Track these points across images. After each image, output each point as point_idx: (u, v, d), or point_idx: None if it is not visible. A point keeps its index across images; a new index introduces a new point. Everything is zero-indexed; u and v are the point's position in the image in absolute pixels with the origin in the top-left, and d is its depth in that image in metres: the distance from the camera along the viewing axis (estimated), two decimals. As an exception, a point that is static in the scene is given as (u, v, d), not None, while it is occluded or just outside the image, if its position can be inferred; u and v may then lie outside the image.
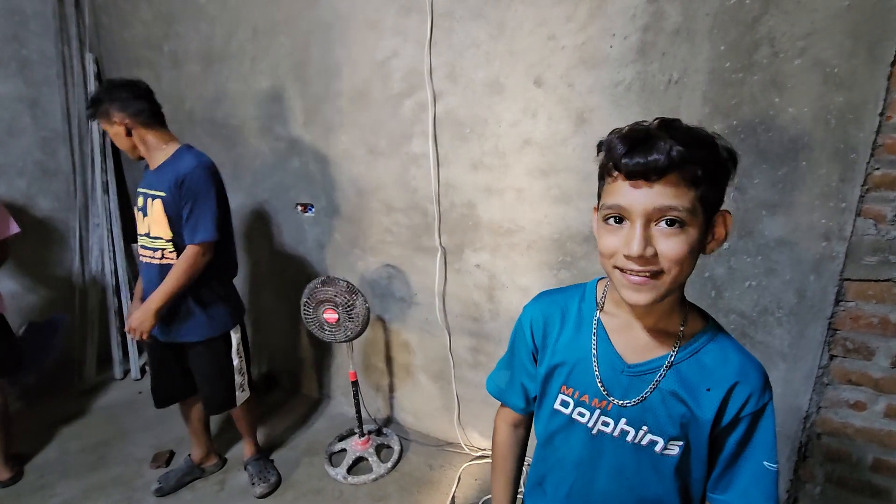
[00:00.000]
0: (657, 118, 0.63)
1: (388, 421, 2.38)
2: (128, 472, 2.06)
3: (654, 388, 0.71)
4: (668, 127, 0.61)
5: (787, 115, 1.28)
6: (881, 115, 1.20)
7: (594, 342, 0.76)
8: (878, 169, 1.24)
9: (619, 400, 0.73)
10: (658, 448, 0.72)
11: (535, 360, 0.84)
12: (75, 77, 2.63)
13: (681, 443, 0.72)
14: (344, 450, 2.13)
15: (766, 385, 0.71)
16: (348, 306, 1.83)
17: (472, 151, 1.75)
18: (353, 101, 1.93)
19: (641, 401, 0.72)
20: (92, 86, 2.64)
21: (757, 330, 1.48)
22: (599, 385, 0.74)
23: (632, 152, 0.60)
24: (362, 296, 1.87)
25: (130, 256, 2.86)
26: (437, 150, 1.81)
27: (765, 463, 0.71)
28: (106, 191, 2.72)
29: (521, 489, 0.95)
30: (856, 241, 1.30)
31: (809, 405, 1.47)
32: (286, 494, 1.92)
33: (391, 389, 2.34)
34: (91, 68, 2.64)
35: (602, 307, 0.78)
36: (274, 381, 2.73)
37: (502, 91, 1.63)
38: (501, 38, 1.59)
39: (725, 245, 1.44)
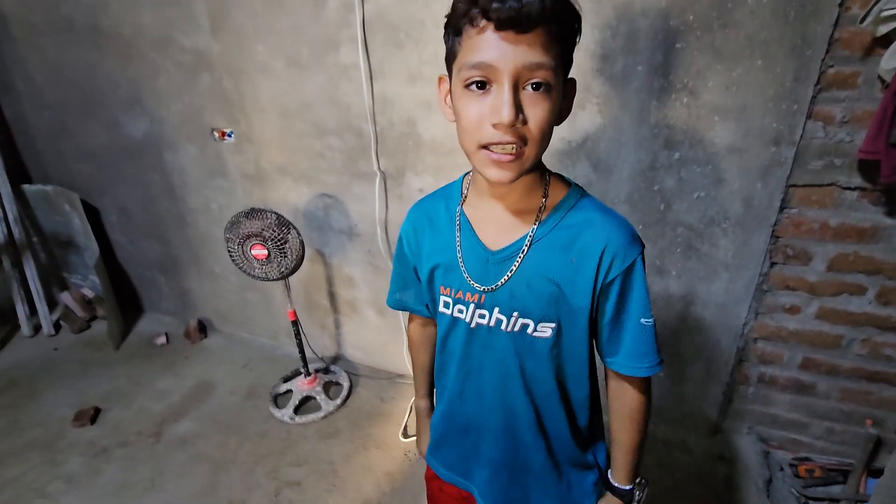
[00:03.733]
0: None
1: (336, 358, 2.30)
2: (47, 433, 1.88)
3: (516, 269, 0.69)
4: None
5: (746, 7, 1.18)
6: (840, 5, 1.13)
7: (458, 236, 0.74)
8: (832, 66, 1.19)
9: (488, 286, 0.71)
10: (529, 330, 0.71)
11: (417, 273, 0.83)
12: None
13: (552, 324, 0.70)
14: (290, 390, 2.04)
15: (631, 241, 0.68)
16: (279, 241, 1.66)
17: (408, 60, 1.55)
18: (267, 1, 1.64)
19: (505, 283, 0.70)
20: (-66, -14, 2.12)
21: (703, 242, 1.47)
22: (467, 278, 0.72)
23: None
24: (295, 229, 1.70)
25: (23, 199, 2.48)
26: (368, 59, 1.59)
27: (641, 320, 0.70)
28: (-23, 121, 2.29)
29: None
30: (804, 145, 1.28)
31: (748, 312, 1.51)
32: (229, 440, 1.83)
33: (337, 326, 2.24)
34: (-71, -37, 2.11)
35: (465, 199, 0.75)
36: (207, 327, 2.55)
37: (439, -15, 1.42)
38: (436, -83, 1.36)
39: (676, 156, 1.38)
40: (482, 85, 0.57)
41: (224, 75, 1.85)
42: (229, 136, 1.97)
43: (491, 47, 0.54)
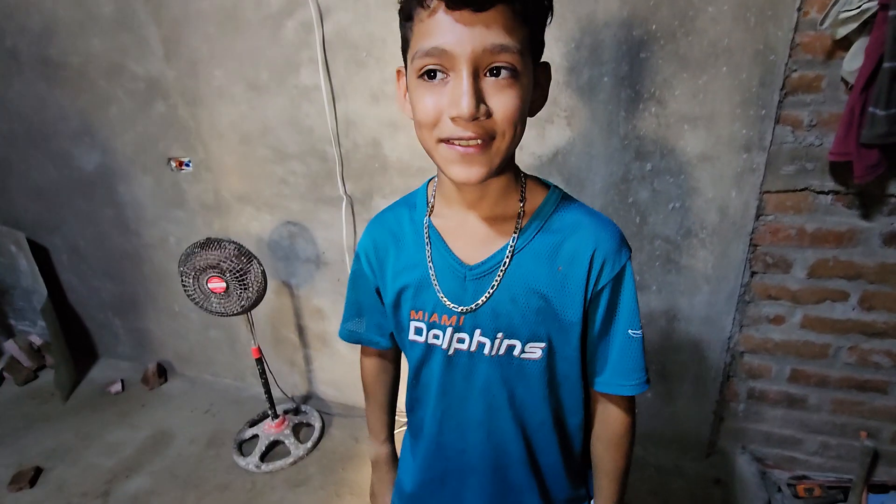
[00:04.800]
0: None
1: (307, 397, 2.16)
2: (-23, 500, 1.68)
3: (498, 284, 0.61)
4: None
5: (707, 14, 1.18)
6: (798, 10, 1.13)
7: (428, 251, 0.64)
8: (795, 71, 1.19)
9: (468, 306, 0.62)
10: (516, 353, 0.63)
11: (380, 296, 0.72)
12: None
13: (542, 344, 0.62)
14: (256, 435, 1.88)
15: (621, 245, 0.62)
16: (239, 272, 1.55)
17: (370, 79, 1.50)
18: (222, 24, 1.58)
19: (486, 301, 0.61)
20: None
21: (681, 254, 1.43)
22: (442, 298, 0.63)
23: None
24: (256, 259, 1.59)
25: (-36, 241, 2.31)
26: (330, 80, 1.54)
27: (629, 332, 0.64)
28: (-88, 159, 2.13)
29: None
30: (774, 151, 1.26)
31: (732, 325, 1.46)
32: (187, 496, 1.66)
33: (307, 362, 2.10)
34: None
35: (432, 210, 0.66)
36: (167, 370, 2.38)
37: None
38: (393, -64, 1.33)
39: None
40: (437, 74, 0.50)
41: (179, 102, 1.77)
42: (187, 165, 1.87)
43: (444, 30, 0.48)
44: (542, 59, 0.57)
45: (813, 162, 1.24)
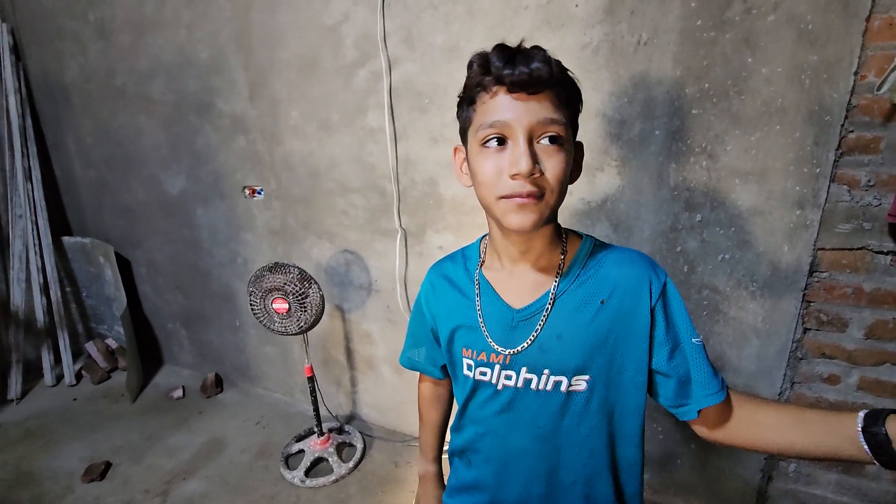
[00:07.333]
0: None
1: (351, 417, 2.24)
2: (55, 488, 1.85)
3: (542, 326, 0.68)
4: (536, 48, 0.60)
5: (761, 75, 1.22)
6: (855, 74, 1.15)
7: (478, 298, 0.73)
8: (852, 132, 1.19)
9: (514, 348, 0.70)
10: (563, 387, 0.68)
11: (435, 335, 0.82)
12: (-13, 50, 2.34)
13: (586, 376, 0.68)
14: (302, 451, 1.98)
15: (651, 265, 0.69)
16: (300, 295, 1.68)
17: (431, 123, 1.62)
18: (302, 71, 1.76)
19: (532, 342, 0.69)
20: (7, 59, 2.36)
21: (730, 305, 1.42)
22: (489, 340, 0.71)
23: (513, 63, 0.58)
24: (316, 283, 1.72)
25: (61, 251, 2.60)
26: (394, 123, 1.68)
27: (693, 341, 0.69)
28: (28, 178, 2.45)
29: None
30: (829, 209, 1.26)
31: (783, 381, 1.43)
32: (236, 502, 1.76)
33: (353, 384, 2.19)
34: (6, 40, 2.36)
35: (483, 262, 0.76)
36: (224, 381, 2.54)
37: (462, 56, 1.51)
38: (460, -2, 1.46)
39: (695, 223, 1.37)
40: (500, 141, 0.60)
41: (258, 137, 1.96)
42: (259, 193, 2.05)
43: (505, 108, 0.59)
44: (577, 139, 0.67)
45: (871, 222, 1.23)
